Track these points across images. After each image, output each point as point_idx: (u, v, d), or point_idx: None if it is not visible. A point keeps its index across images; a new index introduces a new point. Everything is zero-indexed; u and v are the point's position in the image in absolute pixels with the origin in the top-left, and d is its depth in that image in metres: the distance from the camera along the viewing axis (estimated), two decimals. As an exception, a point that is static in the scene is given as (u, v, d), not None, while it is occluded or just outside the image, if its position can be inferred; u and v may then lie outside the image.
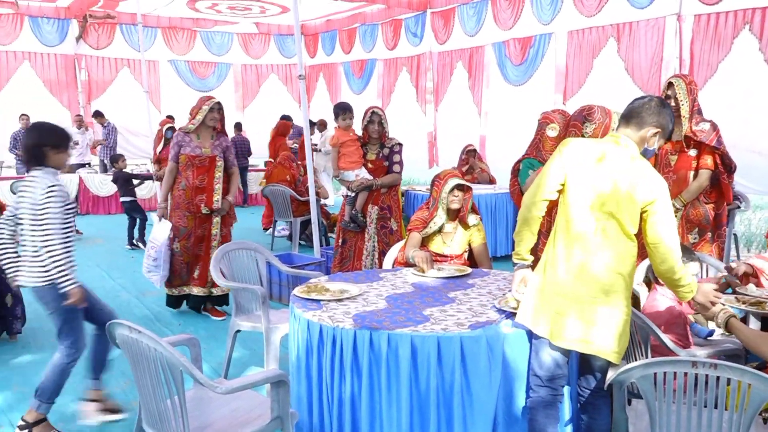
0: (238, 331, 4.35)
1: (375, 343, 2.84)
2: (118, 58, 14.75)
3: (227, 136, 5.79)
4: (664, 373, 2.33)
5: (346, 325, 2.92)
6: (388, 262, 4.62)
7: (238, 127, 13.69)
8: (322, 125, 13.34)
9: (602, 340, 2.70)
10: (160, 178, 9.50)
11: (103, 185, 12.21)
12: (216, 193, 5.63)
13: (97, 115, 12.90)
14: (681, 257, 2.72)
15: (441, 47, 12.83)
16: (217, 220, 5.68)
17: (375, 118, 5.52)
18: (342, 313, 3.12)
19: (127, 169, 9.85)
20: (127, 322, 2.58)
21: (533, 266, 2.98)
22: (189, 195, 5.59)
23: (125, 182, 8.99)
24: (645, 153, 2.78)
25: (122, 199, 8.96)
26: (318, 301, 3.33)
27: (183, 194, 5.60)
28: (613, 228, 2.69)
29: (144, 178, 9.77)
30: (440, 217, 4.26)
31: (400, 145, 5.67)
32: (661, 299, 3.46)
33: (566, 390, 2.95)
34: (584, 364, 2.87)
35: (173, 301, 5.89)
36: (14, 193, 9.53)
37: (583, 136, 4.05)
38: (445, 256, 4.29)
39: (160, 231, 5.63)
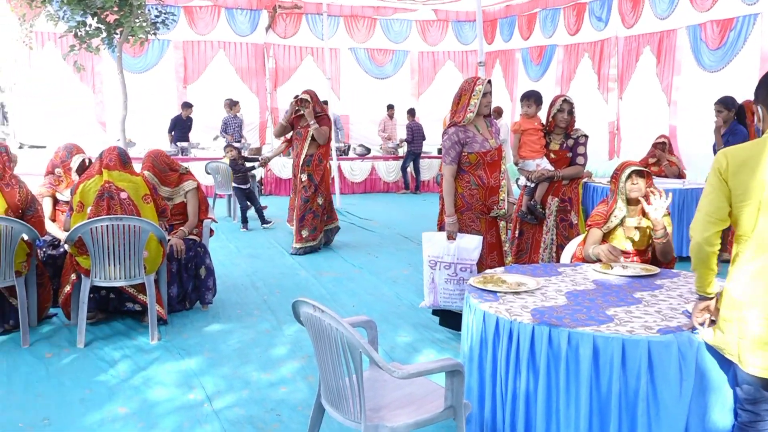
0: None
1: (554, 340, 2.75)
2: (302, 46, 15.49)
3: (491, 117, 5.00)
4: None
5: (524, 320, 2.86)
6: (566, 256, 4.47)
7: (411, 113, 13.91)
8: (497, 113, 13.18)
9: None
10: (264, 164, 10.25)
11: (285, 168, 12.91)
12: (502, 192, 4.81)
13: (233, 104, 13.57)
14: None
15: (628, 31, 12.18)
16: (503, 224, 4.95)
17: (565, 107, 5.34)
18: (519, 306, 3.06)
19: None
20: (312, 301, 2.69)
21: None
22: (483, 195, 4.77)
23: (235, 170, 9.59)
24: None
25: (237, 185, 9.55)
26: (494, 292, 3.28)
27: (477, 193, 4.75)
28: None
29: (251, 159, 10.21)
30: (620, 209, 4.03)
31: (586, 136, 5.45)
32: None
33: None
34: None
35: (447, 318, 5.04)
36: (208, 173, 10.48)
37: None
38: (627, 253, 4.06)
39: (470, 244, 4.64)
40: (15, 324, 4.88)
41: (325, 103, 13.09)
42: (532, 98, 5.50)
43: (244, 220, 9.57)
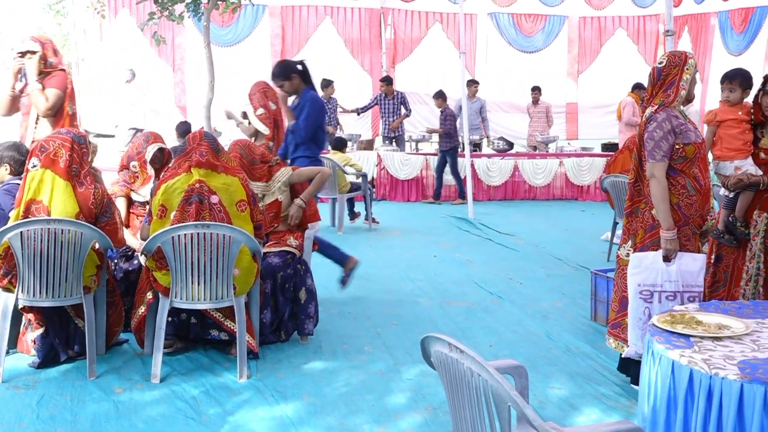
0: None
1: (771, 404, 2.66)
2: (429, 11, 15.65)
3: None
4: None
5: (729, 375, 2.78)
6: (783, 292, 4.29)
7: (441, 96, 13.44)
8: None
9: None
10: None
11: (404, 166, 13.04)
12: (712, 197, 4.77)
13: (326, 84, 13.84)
14: None
15: None
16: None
17: None
18: (722, 356, 2.97)
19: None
20: (447, 338, 2.72)
21: None
22: (700, 203, 4.65)
23: None
24: None
25: None
26: (687, 336, 3.20)
27: (696, 201, 4.63)
28: None
29: None
30: None
31: (811, 129, 5.21)
32: None
33: None
34: None
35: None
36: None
37: None
38: None
39: (693, 265, 4.58)
40: (80, 351, 5.18)
41: (474, 83, 13.17)
42: (736, 80, 5.32)
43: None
